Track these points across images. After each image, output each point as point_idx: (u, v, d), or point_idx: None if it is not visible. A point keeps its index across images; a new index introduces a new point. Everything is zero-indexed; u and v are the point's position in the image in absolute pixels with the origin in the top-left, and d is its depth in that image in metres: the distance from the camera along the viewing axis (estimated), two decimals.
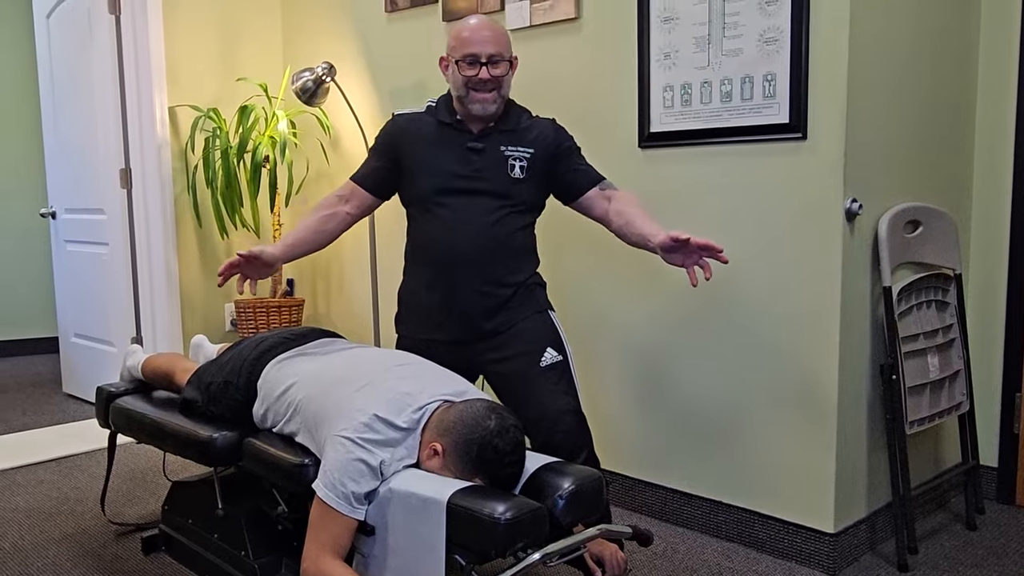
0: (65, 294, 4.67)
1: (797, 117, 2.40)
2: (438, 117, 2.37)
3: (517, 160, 2.32)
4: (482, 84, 2.26)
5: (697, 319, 2.71)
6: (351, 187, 2.47)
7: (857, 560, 2.55)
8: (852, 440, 2.50)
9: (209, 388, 2.37)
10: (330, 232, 2.46)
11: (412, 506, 1.80)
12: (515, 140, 2.33)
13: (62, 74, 4.40)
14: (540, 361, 2.28)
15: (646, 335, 2.84)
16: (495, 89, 2.28)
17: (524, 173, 2.32)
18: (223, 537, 2.39)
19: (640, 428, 2.90)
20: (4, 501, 3.11)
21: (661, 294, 2.79)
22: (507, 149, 2.32)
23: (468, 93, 2.28)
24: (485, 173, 2.31)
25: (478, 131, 2.34)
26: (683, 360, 2.76)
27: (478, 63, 2.26)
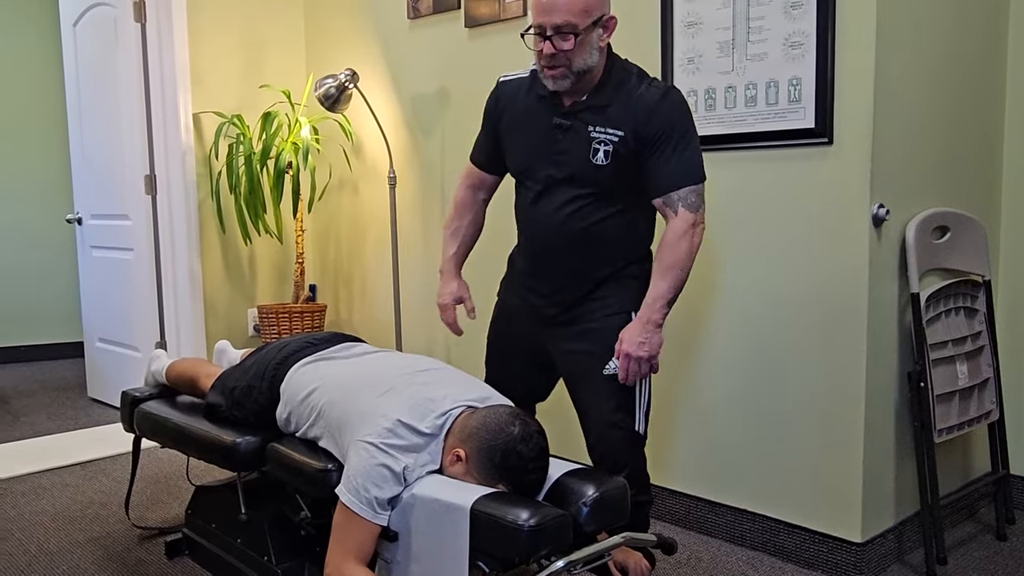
0: (90, 299, 4.71)
1: (823, 122, 2.37)
2: (535, 87, 2.15)
3: (602, 144, 2.05)
4: (548, 59, 2.01)
5: (721, 325, 2.69)
6: (476, 174, 2.38)
7: (884, 570, 2.52)
8: (879, 448, 2.47)
9: (233, 393, 2.38)
10: (481, 224, 2.44)
11: (435, 512, 1.80)
12: (605, 120, 2.05)
13: (88, 81, 4.45)
14: (604, 368, 2.13)
15: (670, 341, 2.82)
16: (564, 65, 2.00)
17: (608, 159, 2.05)
18: (246, 542, 2.39)
19: (664, 436, 2.88)
20: (30, 504, 3.13)
21: (686, 300, 2.77)
22: (594, 130, 2.06)
23: (541, 68, 2.05)
24: (568, 156, 2.09)
25: (569, 105, 2.09)
26: (707, 367, 2.74)
27: (543, 36, 2.00)
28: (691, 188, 2.04)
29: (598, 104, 2.07)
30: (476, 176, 2.38)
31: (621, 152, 2.05)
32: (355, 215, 4.13)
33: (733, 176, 2.62)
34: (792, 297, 2.51)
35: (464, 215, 2.40)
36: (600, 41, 2.04)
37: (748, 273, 2.60)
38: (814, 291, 2.46)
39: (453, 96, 3.52)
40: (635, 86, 2.06)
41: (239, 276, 4.19)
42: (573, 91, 2.08)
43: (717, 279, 2.68)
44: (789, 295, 2.52)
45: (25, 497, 3.21)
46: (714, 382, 2.72)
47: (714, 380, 2.72)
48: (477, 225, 2.43)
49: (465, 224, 2.41)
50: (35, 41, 5.80)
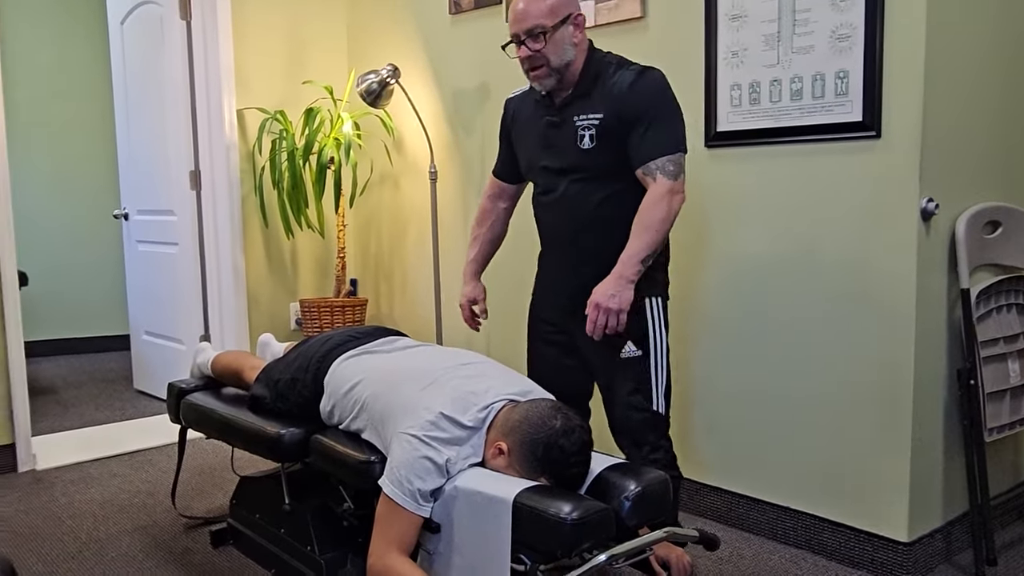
0: (136, 293, 4.80)
1: (871, 115, 2.34)
2: (534, 95, 2.35)
3: (586, 129, 2.21)
4: (528, 62, 2.21)
5: (766, 320, 2.66)
6: (496, 185, 2.57)
7: (932, 571, 2.48)
8: (927, 446, 2.43)
9: (277, 385, 2.41)
10: (501, 233, 2.62)
11: (478, 504, 1.80)
12: (587, 106, 2.21)
13: (135, 78, 4.53)
14: (620, 353, 2.25)
15: (713, 336, 2.80)
16: (542, 64, 2.19)
17: (593, 141, 2.20)
18: (290, 532, 2.43)
19: (705, 431, 2.86)
20: (80, 493, 3.20)
21: (732, 295, 2.75)
22: (578, 118, 2.22)
23: (527, 73, 2.25)
24: (559, 147, 2.27)
25: (559, 102, 2.27)
26: (753, 361, 2.71)
27: (518, 42, 2.21)
28: (668, 157, 2.15)
29: (580, 94, 2.23)
30: (496, 186, 2.58)
31: (604, 132, 2.19)
32: (396, 210, 4.15)
33: (776, 171, 2.59)
34: (839, 293, 2.48)
35: (484, 222, 2.60)
36: (573, 38, 2.21)
37: (794, 269, 2.57)
38: (861, 287, 2.42)
39: (494, 91, 3.53)
40: (612, 72, 2.21)
41: (281, 270, 4.24)
42: (560, 88, 2.25)
43: (762, 275, 2.65)
44: (836, 291, 2.48)
45: (75, 485, 3.28)
46: (759, 377, 2.70)
47: (759, 375, 2.69)
48: (496, 231, 2.61)
49: (484, 231, 2.59)
50: (83, 40, 5.92)
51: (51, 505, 3.07)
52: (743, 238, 2.69)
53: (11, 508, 3.04)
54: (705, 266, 2.80)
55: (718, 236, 2.76)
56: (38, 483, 3.32)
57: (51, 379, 5.26)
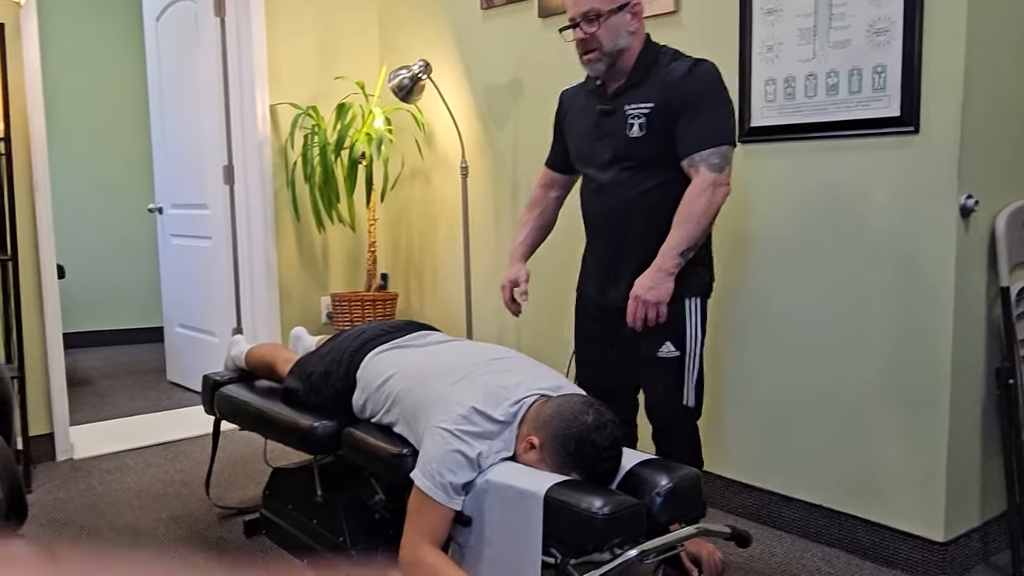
0: (170, 286, 4.86)
1: (909, 110, 2.31)
2: (588, 85, 2.38)
3: (636, 117, 2.21)
4: (581, 45, 2.23)
5: (800, 317, 2.64)
6: (548, 174, 2.59)
7: (968, 571, 2.45)
8: (965, 446, 2.40)
9: (310, 378, 2.43)
10: (551, 221, 2.62)
11: (509, 498, 1.81)
12: (639, 95, 2.22)
13: (169, 75, 4.58)
14: (658, 352, 2.27)
15: (747, 333, 2.78)
16: (596, 48, 2.21)
17: (643, 130, 2.20)
18: (322, 523, 2.45)
19: (736, 427, 2.84)
20: (116, 482, 3.25)
21: (763, 290, 2.73)
22: (630, 107, 2.23)
23: (580, 57, 2.26)
24: (610, 136, 2.27)
25: (611, 91, 2.28)
26: (785, 359, 2.69)
27: (574, 24, 2.23)
28: (714, 150, 2.14)
29: (633, 83, 2.24)
30: (547, 175, 2.59)
31: (655, 122, 2.19)
32: (427, 205, 4.17)
33: (812, 166, 2.56)
34: (875, 290, 2.45)
35: (534, 209, 2.60)
36: (629, 26, 2.21)
37: (830, 265, 2.55)
38: (898, 284, 2.40)
39: (526, 87, 3.53)
40: (666, 63, 2.23)
41: (313, 264, 4.27)
42: (613, 76, 2.26)
43: (797, 270, 2.63)
44: (872, 287, 2.45)
45: (111, 475, 3.34)
46: (793, 374, 2.67)
47: (793, 372, 2.67)
48: (545, 219, 2.61)
49: (533, 217, 2.60)
50: (119, 37, 6.00)
51: (89, 493, 3.13)
52: (777, 234, 2.67)
53: (50, 496, 3.10)
54: (739, 263, 2.78)
55: (751, 232, 2.74)
56: (76, 472, 3.37)
57: (87, 370, 5.35)
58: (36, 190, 3.39)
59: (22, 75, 3.33)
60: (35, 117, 3.37)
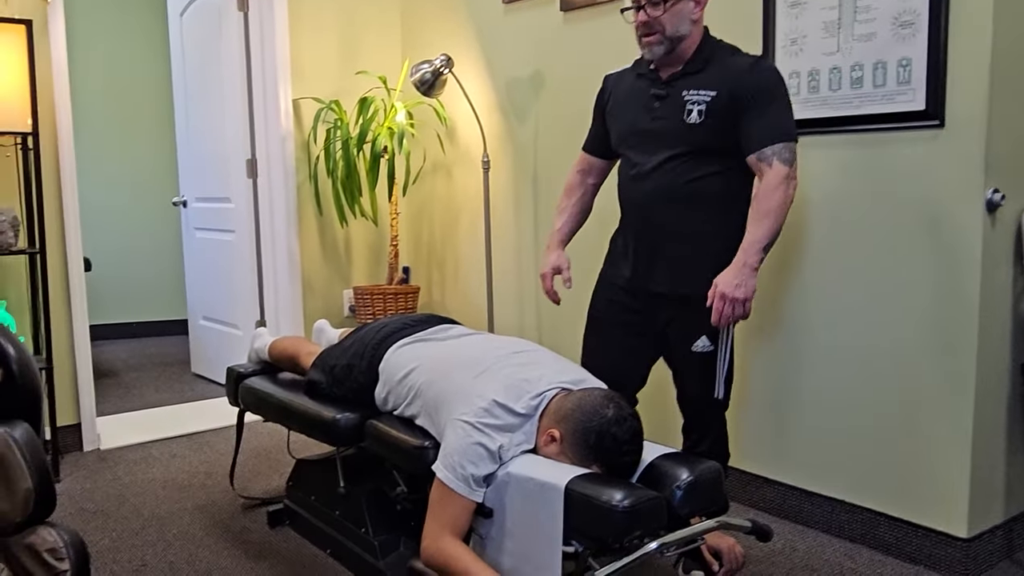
0: (194, 279, 4.91)
1: (934, 103, 2.29)
2: (637, 70, 2.36)
3: (695, 104, 2.19)
4: (643, 27, 2.21)
5: (824, 311, 2.62)
6: (585, 160, 2.56)
7: (992, 567, 2.43)
8: (989, 441, 2.38)
9: (333, 371, 2.45)
10: (588, 207, 2.59)
11: (530, 490, 1.82)
12: (699, 83, 2.20)
13: (193, 69, 4.62)
14: (692, 346, 2.27)
15: (771, 328, 2.78)
16: (657, 31, 2.19)
17: (702, 117, 2.18)
18: (345, 514, 2.47)
19: (758, 421, 2.83)
20: (142, 472, 3.30)
21: (787, 286, 2.72)
22: (688, 93, 2.21)
23: (639, 40, 2.25)
24: (664, 120, 2.24)
25: (667, 77, 2.26)
26: (808, 353, 2.68)
27: (638, 7, 2.22)
28: (784, 144, 2.13)
29: (694, 70, 2.22)
30: (585, 161, 2.56)
31: (716, 110, 2.17)
32: (448, 199, 4.18)
33: (838, 160, 2.55)
34: (899, 285, 2.43)
35: (572, 195, 2.57)
36: (692, 14, 2.20)
37: (853, 260, 2.53)
38: (923, 279, 2.38)
39: (548, 81, 3.52)
40: (727, 55, 2.22)
41: (335, 257, 4.30)
42: (669, 63, 2.25)
43: (821, 265, 2.62)
44: (896, 282, 2.44)
45: (137, 465, 3.38)
46: (814, 369, 2.66)
47: (814, 366, 2.66)
48: (583, 205, 2.57)
49: (572, 203, 2.56)
50: (144, 32, 6.06)
51: (115, 483, 3.17)
52: (800, 230, 2.66)
53: (78, 486, 3.15)
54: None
55: None
56: (102, 462, 3.42)
57: (113, 362, 5.42)
58: (63, 185, 3.43)
59: (49, 71, 3.37)
60: (62, 113, 3.42)
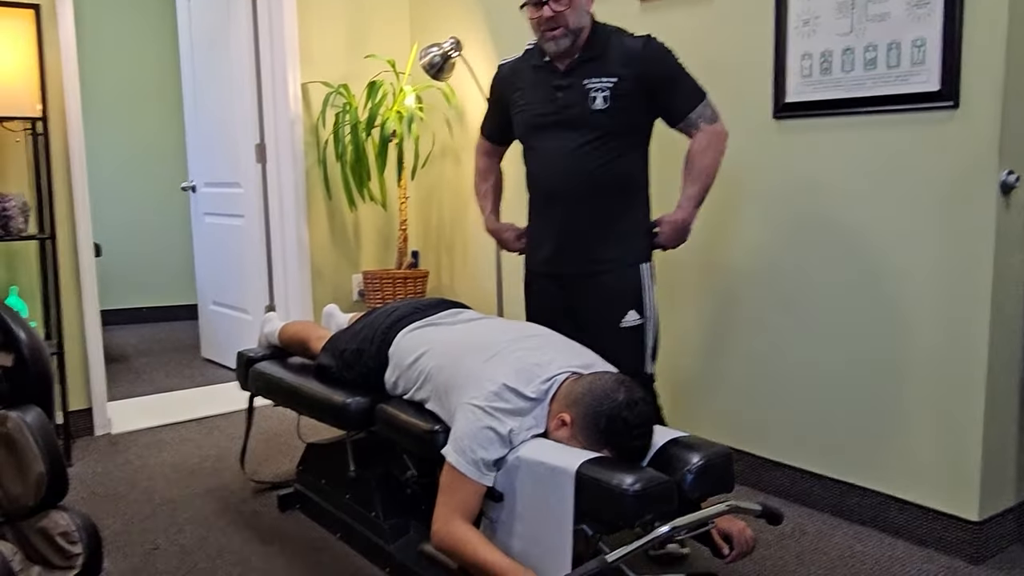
0: (204, 264, 4.92)
1: (949, 84, 2.26)
2: (531, 61, 2.44)
3: (600, 91, 2.30)
4: (548, 23, 2.28)
5: (835, 293, 2.61)
6: (488, 146, 2.72)
7: (1003, 550, 2.42)
8: (1001, 424, 2.37)
9: (343, 355, 2.45)
10: (501, 183, 2.77)
11: (540, 475, 1.82)
12: (599, 70, 2.31)
13: (202, 54, 4.61)
14: (620, 322, 2.35)
15: (781, 310, 2.76)
16: (561, 25, 2.27)
17: (607, 102, 2.30)
18: (355, 498, 2.48)
19: (769, 406, 2.83)
20: (153, 456, 3.32)
21: (797, 267, 2.71)
22: (590, 81, 2.31)
23: (541, 35, 2.33)
24: (567, 108, 2.34)
25: (564, 67, 2.35)
26: (818, 335, 2.67)
27: (540, 3, 2.28)
28: (703, 103, 2.33)
29: (591, 57, 2.33)
30: (489, 147, 2.72)
31: (620, 94, 2.29)
32: (457, 183, 4.17)
33: (849, 142, 2.52)
34: (913, 266, 2.42)
35: (489, 178, 2.74)
36: (588, 5, 2.33)
37: (866, 241, 2.51)
38: (936, 260, 2.36)
39: None
40: (618, 39, 2.34)
41: (344, 242, 4.29)
42: (567, 54, 2.33)
43: (833, 247, 2.60)
44: (910, 264, 2.42)
45: (148, 449, 3.40)
46: (826, 352, 2.65)
47: (826, 350, 2.65)
48: (499, 182, 2.76)
49: (490, 185, 2.74)
50: (152, 16, 6.03)
51: (126, 467, 3.19)
52: (812, 211, 2.64)
53: (90, 470, 3.17)
54: (774, 239, 2.75)
55: (786, 209, 2.71)
56: (114, 446, 3.44)
57: (123, 347, 5.44)
58: (72, 170, 3.43)
59: (58, 56, 3.37)
60: (71, 97, 3.41)
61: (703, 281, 2.98)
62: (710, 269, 2.95)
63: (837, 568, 2.35)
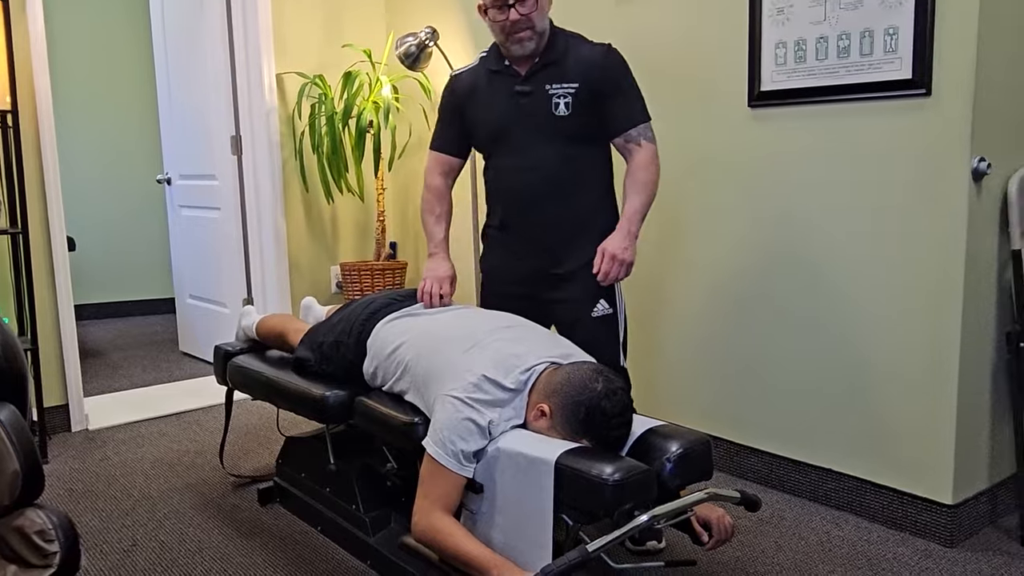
0: (180, 257, 4.87)
1: (921, 72, 2.28)
2: (488, 67, 2.41)
3: (562, 97, 2.29)
4: (514, 25, 2.26)
5: (810, 282, 2.63)
6: (445, 161, 2.55)
7: (976, 533, 2.46)
8: (974, 409, 2.40)
9: (321, 348, 2.44)
10: (452, 207, 2.61)
11: (520, 466, 1.82)
12: (560, 76, 2.30)
13: (175, 45, 4.55)
14: (592, 312, 2.36)
15: (758, 298, 2.78)
16: (528, 27, 2.26)
17: (569, 109, 2.30)
18: (335, 491, 2.48)
19: (746, 392, 2.85)
20: (131, 452, 3.29)
21: (773, 255, 2.72)
22: (551, 87, 2.30)
23: (506, 37, 2.30)
24: (532, 116, 2.33)
25: (525, 72, 2.33)
26: (795, 324, 2.69)
27: (506, 6, 2.25)
28: (646, 124, 2.34)
29: (552, 61, 2.31)
30: (445, 163, 2.55)
31: (580, 101, 2.29)
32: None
33: (823, 130, 2.54)
34: (885, 253, 2.44)
35: (443, 201, 2.57)
36: (547, 7, 2.32)
37: (840, 229, 2.53)
38: (909, 247, 2.38)
39: None
40: (577, 46, 2.34)
41: (322, 234, 4.27)
42: (530, 57, 2.32)
43: (807, 236, 2.62)
44: (883, 252, 2.44)
45: (126, 445, 3.38)
46: (801, 340, 2.68)
47: (801, 338, 2.67)
48: (451, 207, 2.61)
49: (446, 209, 2.58)
50: (125, 5, 5.96)
51: (104, 463, 3.17)
52: (787, 199, 2.66)
53: (66, 466, 3.14)
54: (749, 228, 2.77)
55: (762, 197, 2.72)
56: (91, 442, 3.41)
57: (100, 342, 5.39)
58: (44, 163, 3.39)
59: (28, 46, 3.32)
60: (41, 89, 3.36)
61: (680, 271, 2.99)
62: (686, 258, 2.97)
63: (815, 552, 2.38)
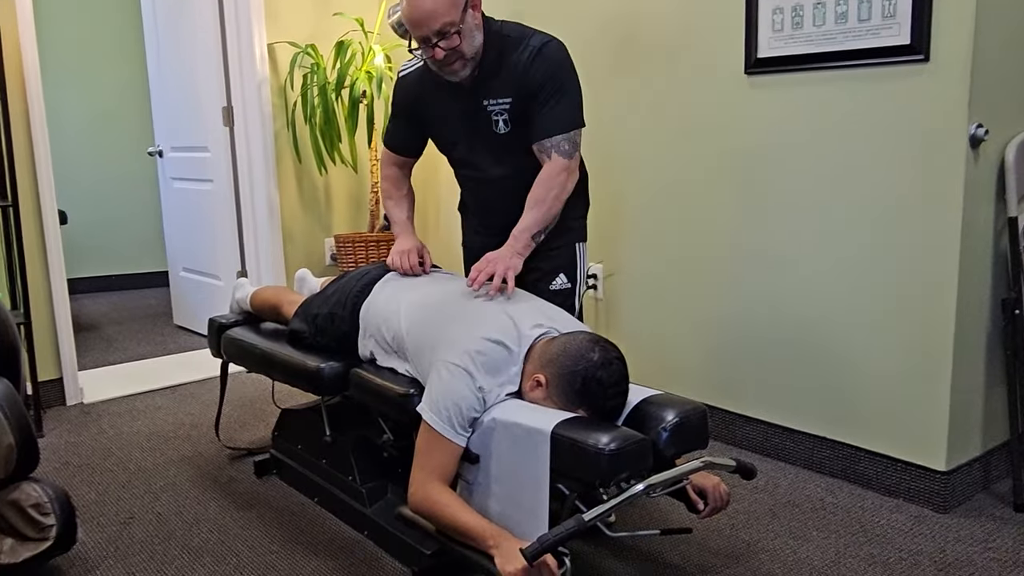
0: (173, 230, 4.85)
1: (919, 38, 2.25)
2: (434, 76, 2.26)
3: (499, 114, 2.24)
4: (444, 59, 2.13)
5: (807, 246, 2.62)
6: (397, 158, 2.54)
7: (970, 499, 2.48)
8: (968, 376, 2.41)
9: (315, 320, 2.44)
10: (413, 190, 2.63)
11: (516, 436, 1.82)
12: (495, 89, 2.21)
13: (164, 14, 4.49)
14: (550, 284, 2.36)
15: (752, 264, 2.78)
16: (458, 58, 2.14)
17: (508, 126, 2.24)
18: (331, 463, 2.48)
19: (740, 360, 2.85)
20: (126, 425, 3.29)
21: (769, 222, 2.71)
22: (489, 103, 2.23)
23: (439, 69, 2.18)
24: (476, 132, 2.29)
25: (468, 86, 2.23)
26: (789, 289, 2.69)
27: (429, 45, 2.12)
28: (563, 136, 2.19)
29: (487, 75, 2.21)
30: (399, 159, 2.54)
31: (516, 116, 2.22)
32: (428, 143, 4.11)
33: (820, 97, 2.52)
34: (882, 219, 2.43)
35: (401, 187, 2.57)
36: (476, 20, 2.15)
37: (838, 195, 2.52)
38: (905, 213, 2.38)
39: (528, 20, 3.44)
40: (511, 52, 2.19)
41: (315, 206, 4.25)
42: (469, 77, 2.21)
43: (803, 201, 2.61)
44: (879, 218, 2.44)
45: (121, 418, 3.37)
46: (795, 306, 2.67)
47: (795, 304, 2.67)
48: (411, 190, 2.60)
49: (404, 193, 2.58)
50: None
51: (100, 437, 3.17)
52: (784, 165, 2.64)
53: (62, 440, 3.14)
54: (745, 195, 2.76)
55: (758, 164, 2.71)
56: (86, 416, 3.41)
57: (94, 316, 5.37)
58: (33, 135, 3.35)
59: (14, 17, 3.27)
60: (29, 61, 3.32)
61: (674, 237, 2.98)
62: (682, 224, 2.95)
63: (810, 519, 2.39)
